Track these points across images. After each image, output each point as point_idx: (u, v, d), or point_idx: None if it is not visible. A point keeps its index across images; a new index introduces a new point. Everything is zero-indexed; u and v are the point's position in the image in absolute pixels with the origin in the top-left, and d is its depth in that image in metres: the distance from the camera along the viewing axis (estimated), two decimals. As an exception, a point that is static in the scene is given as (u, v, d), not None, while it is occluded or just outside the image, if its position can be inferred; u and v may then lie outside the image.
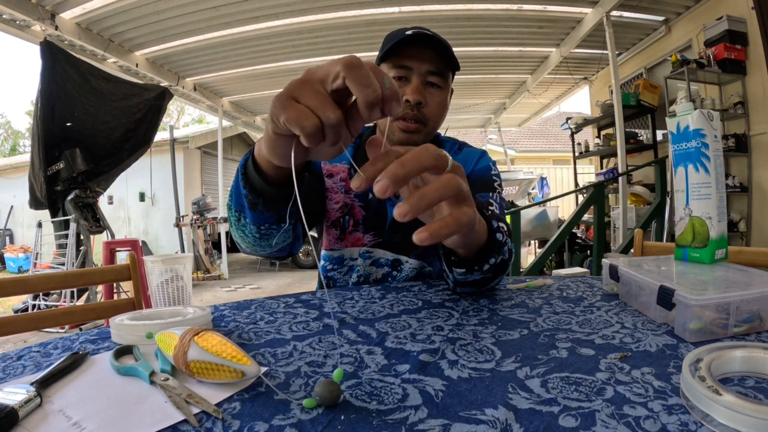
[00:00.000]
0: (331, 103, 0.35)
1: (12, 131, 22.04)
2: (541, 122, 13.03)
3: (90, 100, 3.99)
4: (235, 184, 0.59)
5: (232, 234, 0.70)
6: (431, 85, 0.84)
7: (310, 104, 0.35)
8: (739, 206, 3.62)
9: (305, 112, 0.35)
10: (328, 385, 0.35)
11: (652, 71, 4.74)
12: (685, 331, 0.46)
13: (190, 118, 22.56)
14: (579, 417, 0.32)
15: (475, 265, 0.59)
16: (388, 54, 0.83)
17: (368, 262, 0.90)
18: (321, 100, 0.35)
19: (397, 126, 0.84)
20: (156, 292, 3.71)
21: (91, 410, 0.35)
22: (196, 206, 6.59)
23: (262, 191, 0.55)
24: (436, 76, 0.84)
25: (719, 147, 0.62)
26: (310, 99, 0.35)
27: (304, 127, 0.34)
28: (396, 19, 4.14)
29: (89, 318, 1.05)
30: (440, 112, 0.87)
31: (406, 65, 0.83)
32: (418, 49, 0.83)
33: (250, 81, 5.70)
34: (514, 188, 6.56)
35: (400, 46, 0.82)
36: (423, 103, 0.83)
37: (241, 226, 0.64)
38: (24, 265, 7.82)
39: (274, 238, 0.65)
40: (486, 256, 0.59)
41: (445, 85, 0.86)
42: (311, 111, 0.35)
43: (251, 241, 0.66)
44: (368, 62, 0.35)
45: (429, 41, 0.81)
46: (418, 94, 0.82)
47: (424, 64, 0.83)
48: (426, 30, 0.83)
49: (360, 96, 0.34)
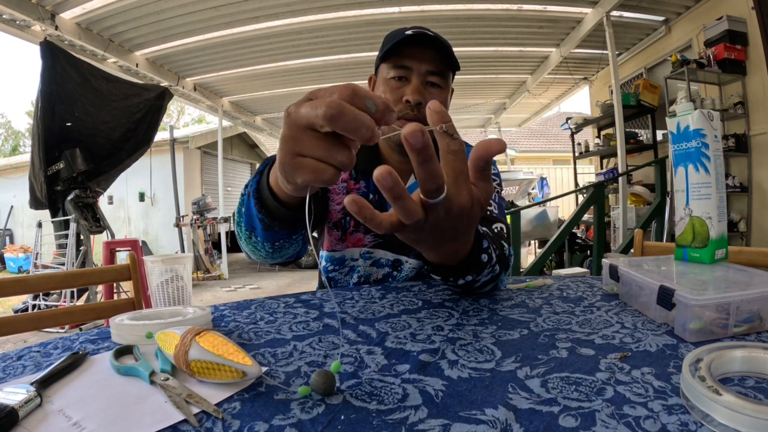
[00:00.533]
0: (336, 145, 0.35)
1: (12, 131, 22.04)
2: (541, 122, 13.03)
3: (90, 100, 3.99)
4: (247, 207, 0.61)
5: (242, 248, 0.72)
6: (431, 85, 0.84)
7: (318, 155, 0.35)
8: (739, 206, 3.62)
9: (319, 167, 0.35)
10: (323, 375, 0.36)
11: (652, 71, 4.74)
12: (685, 331, 0.46)
13: (190, 118, 22.57)
14: (579, 417, 0.32)
15: (451, 276, 0.58)
16: (388, 54, 0.83)
17: (369, 263, 0.90)
18: (326, 147, 0.35)
19: (398, 126, 0.84)
20: (156, 292, 3.71)
21: (91, 410, 0.35)
22: (196, 206, 6.59)
23: (278, 214, 0.57)
24: (436, 76, 0.84)
25: (719, 147, 0.62)
26: (315, 150, 0.35)
27: (324, 180, 0.36)
28: (396, 19, 4.14)
29: (89, 318, 1.05)
30: None
31: (405, 65, 0.83)
32: (418, 49, 0.82)
33: (250, 81, 5.70)
34: (514, 188, 6.57)
35: (400, 46, 0.82)
36: (423, 103, 0.83)
37: (252, 243, 0.66)
38: (24, 265, 7.82)
39: (287, 250, 0.68)
40: (463, 272, 0.57)
41: (445, 85, 0.86)
42: (323, 162, 0.35)
43: (264, 254, 0.69)
44: (344, 88, 0.34)
45: (429, 41, 0.81)
46: (417, 94, 0.82)
47: (423, 64, 0.83)
48: (426, 30, 0.83)
49: (357, 139, 0.34)
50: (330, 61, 5.14)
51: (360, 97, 0.34)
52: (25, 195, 4.19)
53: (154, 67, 4.84)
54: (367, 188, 0.91)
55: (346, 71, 5.44)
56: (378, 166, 0.34)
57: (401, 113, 0.86)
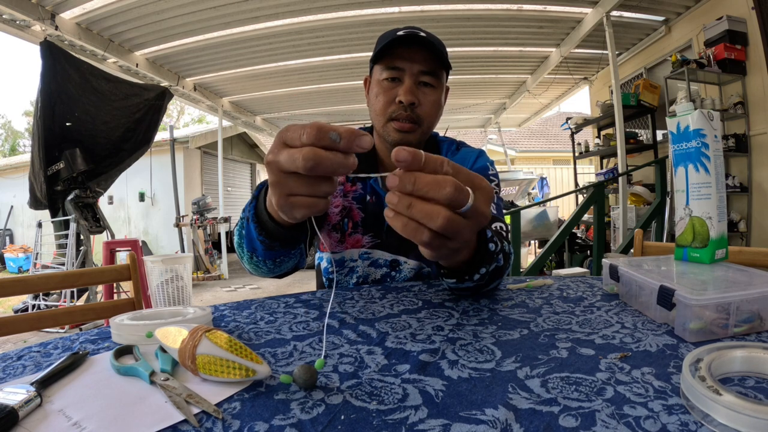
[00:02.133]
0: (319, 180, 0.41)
1: (12, 131, 22.04)
2: (541, 122, 13.03)
3: (90, 100, 3.99)
4: (247, 230, 0.63)
5: (243, 266, 0.75)
6: (424, 84, 0.84)
7: (307, 192, 0.41)
8: (739, 206, 3.62)
9: (311, 202, 0.42)
10: (305, 369, 0.37)
11: (652, 71, 4.74)
12: (685, 331, 0.46)
13: (190, 118, 22.57)
14: (579, 417, 0.32)
15: (466, 275, 0.59)
16: (380, 55, 0.83)
17: (367, 263, 0.90)
18: (312, 184, 0.41)
19: (392, 126, 0.85)
20: (156, 292, 3.71)
21: (91, 410, 0.35)
22: (196, 206, 6.58)
23: (279, 236, 0.59)
24: (429, 76, 0.84)
25: (719, 147, 0.62)
26: (303, 189, 0.41)
27: (319, 211, 0.43)
28: (396, 19, 4.14)
29: (89, 318, 1.05)
30: (434, 112, 0.87)
31: (398, 66, 0.83)
32: (410, 49, 0.82)
33: (250, 81, 5.70)
34: (514, 188, 6.57)
35: (391, 47, 0.82)
36: (416, 103, 0.83)
37: (254, 262, 0.69)
38: (24, 265, 7.82)
39: (287, 263, 0.71)
40: (477, 266, 0.58)
41: (438, 84, 0.86)
42: (314, 196, 0.41)
43: (265, 271, 0.72)
44: (310, 130, 0.38)
45: (420, 42, 0.81)
46: (410, 95, 0.82)
47: (415, 64, 0.82)
48: (418, 30, 0.83)
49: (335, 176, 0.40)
50: (330, 61, 5.14)
51: (326, 135, 0.38)
52: (25, 195, 4.19)
53: (154, 67, 4.84)
54: (364, 190, 0.91)
55: (346, 71, 5.44)
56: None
57: (394, 114, 0.87)
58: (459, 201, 0.38)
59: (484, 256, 0.58)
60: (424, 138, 0.89)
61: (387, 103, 0.84)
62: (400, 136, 0.85)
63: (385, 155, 0.92)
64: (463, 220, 0.40)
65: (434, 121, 0.89)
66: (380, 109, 0.85)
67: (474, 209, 0.40)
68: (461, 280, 0.60)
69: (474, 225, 0.42)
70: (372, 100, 0.88)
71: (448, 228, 0.38)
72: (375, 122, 0.89)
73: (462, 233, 0.40)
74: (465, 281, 0.60)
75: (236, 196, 9.43)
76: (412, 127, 0.84)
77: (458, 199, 0.38)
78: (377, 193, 0.91)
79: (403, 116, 0.83)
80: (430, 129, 0.89)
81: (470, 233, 0.42)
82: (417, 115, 0.84)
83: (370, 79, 0.91)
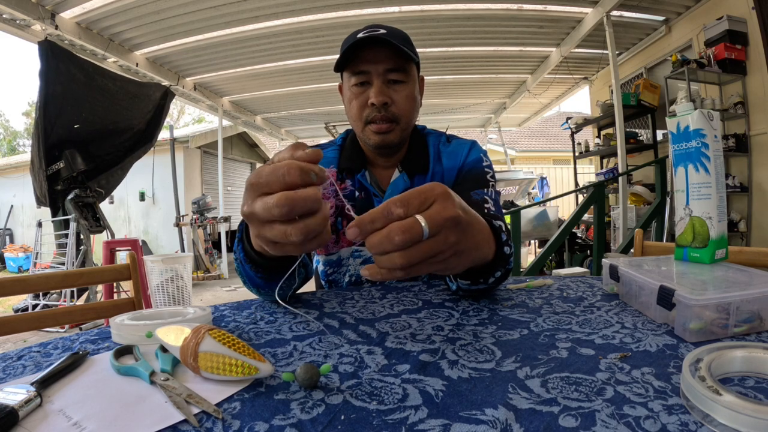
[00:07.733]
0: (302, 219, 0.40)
1: (11, 131, 22.03)
2: (541, 122, 13.03)
3: (97, 100, 3.97)
4: (245, 271, 0.62)
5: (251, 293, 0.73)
6: (394, 82, 0.84)
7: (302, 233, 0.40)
8: (739, 206, 3.62)
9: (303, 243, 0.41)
10: (307, 368, 0.37)
11: (652, 71, 4.74)
12: (685, 331, 0.46)
13: (190, 118, 22.55)
14: (579, 417, 0.32)
15: (481, 277, 0.60)
16: (344, 63, 0.83)
17: (358, 261, 0.90)
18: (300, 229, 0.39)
19: (370, 130, 0.84)
20: (156, 291, 3.71)
21: (91, 410, 0.35)
22: (196, 206, 6.58)
23: (275, 267, 0.59)
24: (396, 73, 0.83)
25: (719, 147, 0.62)
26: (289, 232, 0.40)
27: (310, 248, 0.42)
28: (396, 19, 4.14)
29: (89, 318, 1.05)
30: (410, 107, 0.86)
31: (363, 70, 0.83)
32: (372, 50, 0.82)
33: (250, 81, 5.70)
34: (514, 188, 6.57)
35: (353, 52, 0.81)
36: (389, 102, 0.83)
37: (264, 294, 0.67)
38: (24, 265, 7.82)
39: (297, 280, 0.69)
40: (493, 270, 0.59)
41: (408, 78, 0.85)
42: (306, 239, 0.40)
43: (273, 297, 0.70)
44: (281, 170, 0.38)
45: (381, 41, 0.79)
46: (381, 95, 0.81)
47: (380, 64, 0.82)
48: (377, 28, 0.82)
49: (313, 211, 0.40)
50: (330, 61, 5.13)
51: (293, 175, 0.38)
52: (25, 194, 4.20)
53: (154, 66, 4.84)
54: (354, 186, 0.91)
55: (346, 71, 5.43)
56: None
57: (369, 117, 0.86)
58: (413, 238, 0.37)
59: (500, 260, 0.58)
60: (405, 134, 0.88)
61: (361, 108, 0.84)
62: (380, 138, 0.84)
63: (371, 155, 0.92)
64: (432, 241, 0.38)
65: (412, 116, 0.88)
66: (356, 115, 0.85)
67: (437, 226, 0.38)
68: (475, 282, 0.61)
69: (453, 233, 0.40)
70: (347, 107, 0.88)
71: (416, 257, 0.38)
72: (354, 128, 0.89)
73: (441, 248, 0.39)
74: (479, 283, 0.61)
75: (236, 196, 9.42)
76: (389, 126, 0.84)
77: (412, 239, 0.37)
78: (365, 188, 0.91)
79: (378, 118, 0.83)
80: (409, 125, 0.88)
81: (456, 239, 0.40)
82: (392, 114, 0.83)
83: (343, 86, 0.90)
